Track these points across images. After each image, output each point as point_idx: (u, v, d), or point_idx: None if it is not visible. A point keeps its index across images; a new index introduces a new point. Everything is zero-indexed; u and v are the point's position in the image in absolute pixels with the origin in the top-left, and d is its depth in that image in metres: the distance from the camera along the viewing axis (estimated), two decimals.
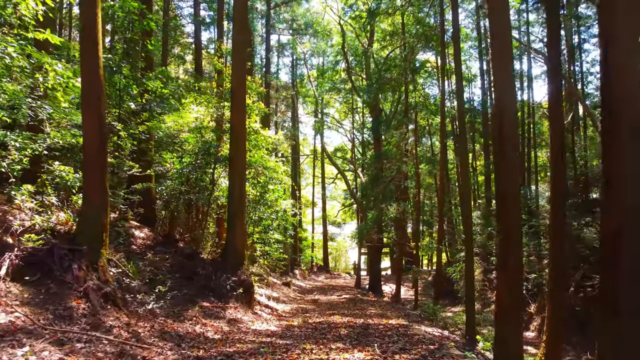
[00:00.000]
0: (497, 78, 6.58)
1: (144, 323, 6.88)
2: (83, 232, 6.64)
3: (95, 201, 6.71)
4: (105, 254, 6.88)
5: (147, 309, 7.38)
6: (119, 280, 7.85)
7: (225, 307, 10.38)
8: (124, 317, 6.52)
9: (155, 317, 7.97)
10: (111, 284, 6.73)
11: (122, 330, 6.10)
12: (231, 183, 11.68)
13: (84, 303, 6.07)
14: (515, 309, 6.15)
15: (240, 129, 11.60)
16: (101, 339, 5.50)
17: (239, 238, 11.65)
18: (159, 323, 7.54)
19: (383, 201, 20.99)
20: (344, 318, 12.23)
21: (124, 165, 9.92)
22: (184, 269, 11.00)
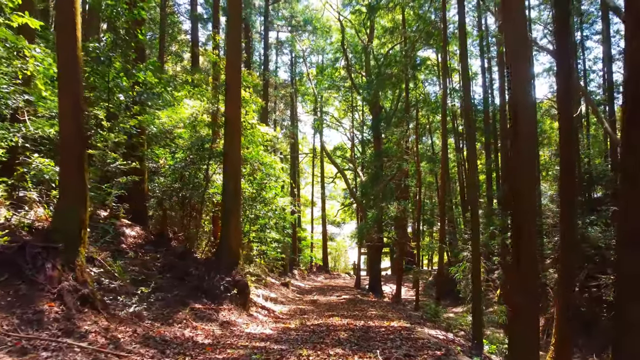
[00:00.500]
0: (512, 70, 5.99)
1: (125, 327, 6.26)
2: (59, 228, 6.03)
3: (72, 194, 6.10)
4: (84, 252, 6.27)
5: (130, 311, 6.75)
6: (101, 281, 7.23)
7: (219, 309, 9.76)
8: (103, 321, 5.90)
9: (141, 320, 7.36)
10: (90, 284, 6.11)
11: (99, 336, 5.49)
12: (225, 179, 11.07)
13: (57, 306, 5.46)
14: (531, 311, 5.56)
15: (235, 122, 10.99)
16: (73, 346, 4.89)
17: (233, 236, 11.04)
18: (144, 327, 6.93)
19: (383, 200, 20.39)
20: (343, 320, 11.62)
21: (107, 157, 9.28)
22: (175, 268, 10.39)
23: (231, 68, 11.06)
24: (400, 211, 19.56)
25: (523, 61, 6.08)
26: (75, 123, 5.98)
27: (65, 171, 6.10)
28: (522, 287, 5.52)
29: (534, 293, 5.68)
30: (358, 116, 30.82)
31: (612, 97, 22.34)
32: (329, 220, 38.86)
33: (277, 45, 29.02)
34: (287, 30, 28.37)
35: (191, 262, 10.90)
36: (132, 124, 11.09)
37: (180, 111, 12.60)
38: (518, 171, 5.68)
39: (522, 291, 5.55)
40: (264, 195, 12.73)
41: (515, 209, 5.72)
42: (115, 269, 8.17)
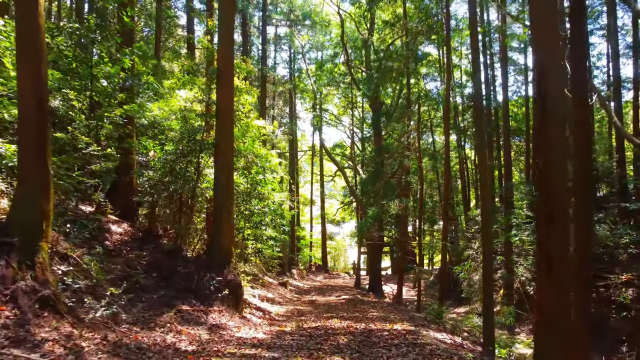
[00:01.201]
0: (536, 28, 5.12)
1: (94, 334, 5.40)
2: (16, 220, 5.18)
3: (31, 181, 5.24)
4: (47, 248, 5.40)
5: (102, 315, 5.88)
6: (72, 280, 6.36)
7: (208, 311, 8.90)
8: (66, 327, 5.04)
9: (117, 324, 6.50)
10: (53, 285, 5.26)
11: (57, 345, 4.63)
12: (217, 171, 10.21)
13: (9, 310, 4.61)
14: (564, 320, 4.69)
15: (228, 111, 10.14)
16: (19, 358, 4.02)
17: (225, 233, 10.18)
18: (119, 332, 6.07)
19: (384, 197, 19.53)
20: (343, 322, 10.76)
21: (78, 142, 8.39)
22: (162, 267, 9.53)
23: (224, 53, 10.20)
24: (401, 209, 18.71)
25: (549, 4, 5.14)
26: (35, 97, 5.13)
27: (24, 154, 5.25)
28: (556, 291, 4.67)
29: (569, 298, 4.81)
30: (358, 114, 29.97)
31: (619, 92, 21.50)
32: (329, 219, 37.94)
33: (275, 40, 28.13)
34: (285, 24, 27.51)
35: (180, 260, 10.04)
36: (117, 113, 10.26)
37: (172, 103, 11.76)
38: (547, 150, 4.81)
39: (555, 296, 4.69)
40: (259, 190, 11.86)
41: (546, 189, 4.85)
42: (92, 268, 7.31)
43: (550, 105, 4.74)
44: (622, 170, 20.87)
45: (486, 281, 8.07)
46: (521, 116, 29.32)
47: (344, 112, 32.50)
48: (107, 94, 10.04)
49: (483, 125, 8.62)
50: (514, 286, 19.04)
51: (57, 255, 6.97)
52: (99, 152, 8.61)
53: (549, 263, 4.77)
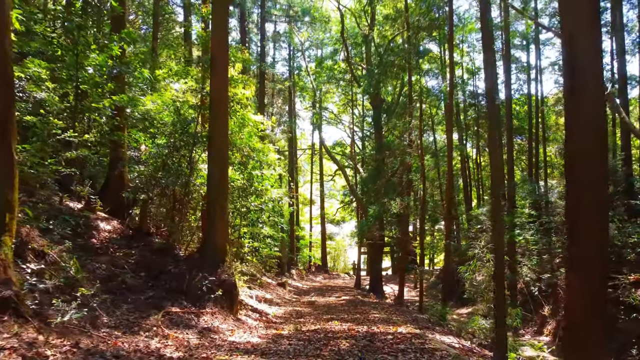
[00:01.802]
0: None
1: (64, 340, 4.73)
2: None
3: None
4: (10, 243, 4.74)
5: (71, 319, 5.21)
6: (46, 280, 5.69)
7: (200, 313, 8.24)
8: (30, 333, 4.38)
9: (96, 328, 5.84)
10: (16, 285, 4.59)
11: (17, 353, 3.97)
12: (210, 165, 9.56)
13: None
14: (595, 326, 4.04)
15: (222, 101, 9.49)
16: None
17: (219, 230, 9.52)
18: (97, 337, 5.41)
19: (385, 195, 18.87)
20: (343, 324, 10.10)
21: (52, 126, 7.70)
22: (151, 266, 8.87)
23: (217, 39, 9.55)
24: (403, 207, 18.06)
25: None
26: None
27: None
28: (587, 294, 4.01)
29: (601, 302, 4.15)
30: (358, 112, 29.33)
31: (625, 90, 20.85)
32: (328, 219, 37.23)
33: (274, 37, 27.46)
34: (284, 20, 26.85)
35: (171, 259, 9.38)
36: (106, 103, 9.61)
37: (167, 96, 11.09)
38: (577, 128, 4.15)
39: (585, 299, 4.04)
40: (256, 187, 11.19)
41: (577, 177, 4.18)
42: (72, 267, 6.64)
43: (579, 76, 4.08)
44: (629, 168, 20.20)
45: (498, 283, 7.41)
46: (523, 114, 28.68)
47: (344, 110, 31.84)
48: (94, 84, 9.38)
49: (497, 118, 7.97)
50: (517, 287, 18.41)
51: (31, 252, 6.32)
52: (77, 139, 7.92)
53: (579, 261, 4.12)
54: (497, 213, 7.36)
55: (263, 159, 11.15)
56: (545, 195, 23.01)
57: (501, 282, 7.57)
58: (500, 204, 7.82)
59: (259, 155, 11.01)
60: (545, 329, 17.09)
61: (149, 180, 10.24)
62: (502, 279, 7.64)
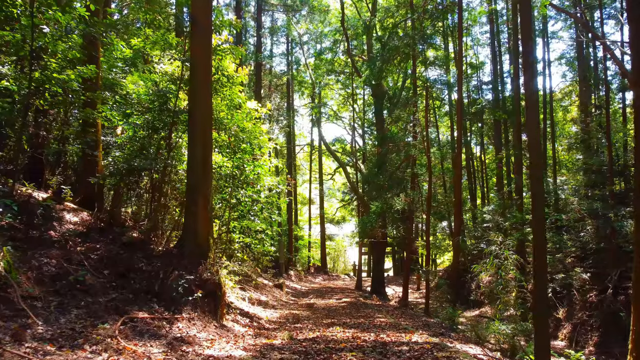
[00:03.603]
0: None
1: None
2: None
3: None
4: None
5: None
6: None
7: (174, 319, 6.65)
8: None
9: (20, 341, 4.28)
10: None
11: None
12: (191, 144, 7.99)
13: None
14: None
15: (203, 68, 7.94)
16: None
17: (201, 222, 7.96)
18: (15, 354, 3.83)
19: (389, 190, 17.30)
20: (346, 331, 8.53)
21: None
22: (118, 263, 7.28)
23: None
24: (408, 203, 16.47)
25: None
26: None
27: None
28: None
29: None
30: (358, 108, 27.75)
31: None
32: (328, 219, 35.55)
33: (272, 30, 25.92)
34: (281, 10, 25.31)
35: (143, 254, 7.79)
36: (71, 75, 8.06)
37: (153, 77, 9.52)
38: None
39: None
40: (247, 175, 9.61)
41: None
42: (0, 263, 5.06)
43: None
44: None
45: (539, 286, 5.82)
46: None
47: (344, 107, 30.27)
48: (57, 49, 7.84)
49: (535, 98, 6.44)
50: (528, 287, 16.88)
51: None
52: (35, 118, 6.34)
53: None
54: (538, 201, 5.80)
55: (254, 141, 9.55)
56: (555, 192, 21.47)
57: (543, 286, 6.00)
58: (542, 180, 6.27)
59: (250, 137, 9.42)
60: (560, 333, 15.54)
61: (122, 165, 8.66)
62: (545, 281, 6.08)
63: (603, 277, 15.46)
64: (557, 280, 16.65)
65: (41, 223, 7.59)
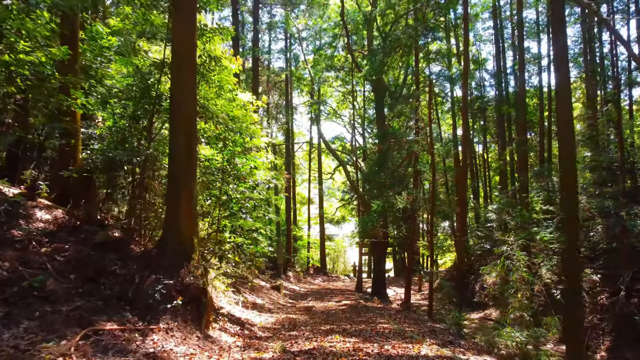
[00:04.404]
0: None
1: None
2: None
3: None
4: None
5: None
6: None
7: (149, 330, 5.71)
8: None
9: None
10: None
11: None
12: (173, 133, 7.05)
13: None
14: None
15: (187, 50, 7.00)
16: None
17: (185, 219, 7.01)
18: None
19: (390, 188, 16.35)
20: (347, 340, 7.58)
21: None
22: (88, 266, 6.34)
23: None
24: (411, 201, 15.52)
25: None
26: None
27: None
28: None
29: None
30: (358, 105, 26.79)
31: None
32: (328, 219, 34.51)
33: (270, 25, 24.93)
34: (279, 4, 24.33)
35: (117, 256, 6.83)
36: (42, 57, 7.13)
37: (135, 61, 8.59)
38: None
39: None
40: (239, 169, 8.66)
41: None
42: None
43: None
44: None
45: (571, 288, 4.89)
46: (532, 108, 26.20)
47: (344, 104, 29.29)
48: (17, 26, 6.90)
49: (567, 81, 5.52)
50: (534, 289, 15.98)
51: None
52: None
53: None
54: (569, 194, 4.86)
55: (245, 131, 8.58)
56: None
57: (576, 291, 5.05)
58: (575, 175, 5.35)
59: (241, 127, 8.46)
60: None
61: (100, 158, 7.73)
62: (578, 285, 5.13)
63: (614, 278, 14.56)
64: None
65: (4, 221, 6.66)
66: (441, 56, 21.29)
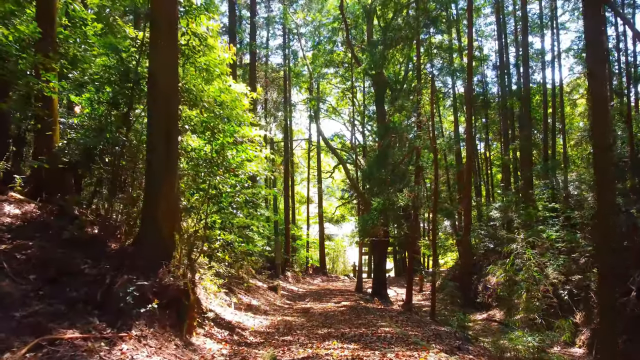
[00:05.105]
0: None
1: None
2: None
3: None
4: None
5: None
6: None
7: (118, 339, 4.92)
8: None
9: None
10: None
11: None
12: (151, 115, 6.28)
13: None
14: None
15: (168, 22, 6.22)
16: None
17: (164, 212, 6.23)
18: None
19: (391, 185, 15.55)
20: (345, 347, 6.80)
21: None
22: (51, 264, 5.55)
23: None
24: (412, 198, 14.72)
25: None
26: None
27: None
28: None
29: None
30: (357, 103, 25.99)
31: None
32: (327, 218, 33.63)
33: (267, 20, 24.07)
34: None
35: (88, 254, 6.04)
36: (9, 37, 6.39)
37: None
38: None
39: None
40: (229, 161, 7.86)
41: None
42: None
43: None
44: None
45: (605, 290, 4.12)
46: (535, 105, 25.41)
47: (343, 102, 28.48)
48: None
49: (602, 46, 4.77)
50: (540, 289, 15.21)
51: None
52: None
53: None
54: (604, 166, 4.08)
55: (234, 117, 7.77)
56: (566, 189, 19.72)
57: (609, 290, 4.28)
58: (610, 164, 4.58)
59: (229, 113, 7.64)
60: (577, 339, 13.80)
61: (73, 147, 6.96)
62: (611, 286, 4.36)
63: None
64: (573, 282, 14.94)
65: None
66: (443, 50, 20.54)
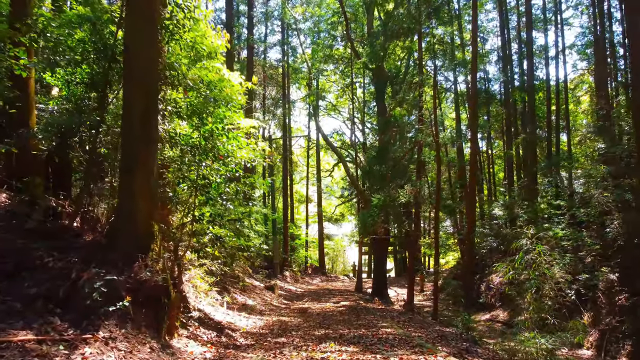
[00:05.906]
0: None
1: None
2: None
3: None
4: None
5: None
6: None
7: (80, 341, 4.21)
8: None
9: None
10: None
11: None
12: (127, 91, 5.59)
13: None
14: None
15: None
16: None
17: (141, 201, 5.53)
18: None
19: (392, 181, 14.85)
20: (343, 350, 6.09)
21: None
22: (9, 257, 4.84)
23: None
24: (414, 194, 14.01)
25: None
26: None
27: None
28: None
29: None
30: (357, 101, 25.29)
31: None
32: (326, 217, 32.89)
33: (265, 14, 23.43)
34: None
35: (55, 245, 5.33)
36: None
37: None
38: None
39: None
40: (219, 148, 7.15)
41: None
42: None
43: None
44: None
45: None
46: (538, 102, 24.76)
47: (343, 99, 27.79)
48: None
49: None
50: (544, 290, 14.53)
51: None
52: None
53: None
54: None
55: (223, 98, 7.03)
56: (570, 186, 19.03)
57: None
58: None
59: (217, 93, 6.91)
60: (585, 341, 13.11)
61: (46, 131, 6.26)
62: None
63: (634, 277, 13.13)
64: (580, 282, 14.24)
65: None
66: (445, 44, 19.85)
